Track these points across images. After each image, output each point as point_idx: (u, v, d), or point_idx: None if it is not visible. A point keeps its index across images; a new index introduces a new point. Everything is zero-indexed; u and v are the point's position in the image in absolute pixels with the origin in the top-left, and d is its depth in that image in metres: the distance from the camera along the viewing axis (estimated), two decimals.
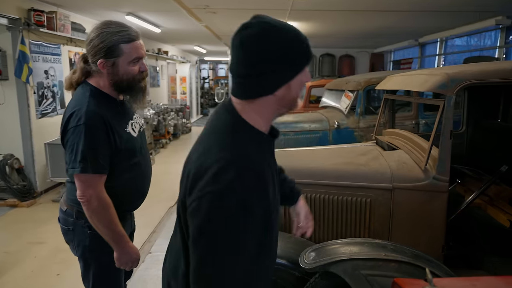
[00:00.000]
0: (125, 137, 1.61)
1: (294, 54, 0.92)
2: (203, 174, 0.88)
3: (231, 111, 0.98)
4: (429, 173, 2.28)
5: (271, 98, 0.95)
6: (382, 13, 5.52)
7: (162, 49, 10.71)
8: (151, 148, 7.51)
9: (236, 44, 0.92)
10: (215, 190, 0.85)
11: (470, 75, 2.12)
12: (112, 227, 1.54)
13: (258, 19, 0.92)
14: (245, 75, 0.92)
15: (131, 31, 1.54)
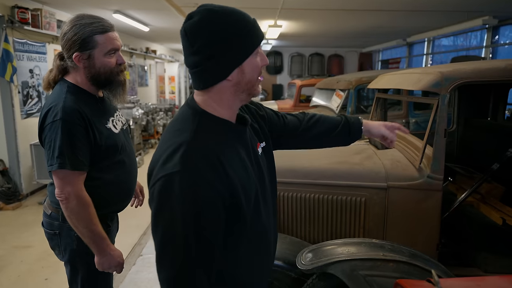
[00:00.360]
0: (106, 133, 1.56)
1: (239, 36, 0.90)
2: (157, 162, 0.90)
3: (191, 104, 0.99)
4: (423, 172, 2.28)
5: (226, 84, 0.94)
6: (372, 12, 5.55)
7: (150, 48, 10.58)
8: (140, 148, 7.40)
9: (182, 35, 0.92)
10: (164, 175, 0.85)
11: (464, 73, 2.13)
12: (92, 228, 1.48)
13: (201, 7, 0.91)
14: (194, 64, 0.92)
15: (105, 22, 1.51)
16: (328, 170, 2.49)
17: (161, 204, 0.86)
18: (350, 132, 1.36)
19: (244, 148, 1.00)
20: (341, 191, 2.45)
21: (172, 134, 0.96)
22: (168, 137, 0.96)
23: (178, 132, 0.94)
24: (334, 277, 1.74)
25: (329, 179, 2.45)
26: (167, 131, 1.01)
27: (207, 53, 0.90)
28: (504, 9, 5.13)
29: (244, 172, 0.95)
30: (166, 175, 0.85)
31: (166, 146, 0.92)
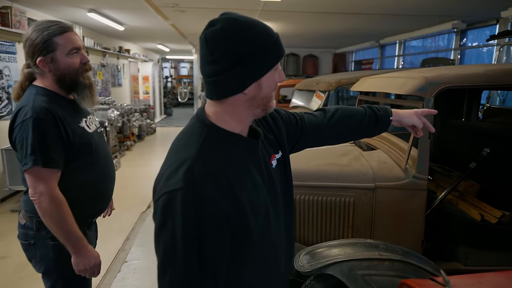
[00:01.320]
0: (79, 131, 1.55)
1: (262, 49, 0.88)
2: (161, 178, 0.89)
3: (200, 117, 0.96)
4: (409, 172, 2.38)
5: (241, 97, 0.91)
6: (348, 15, 5.69)
7: (123, 47, 10.31)
8: (115, 150, 7.22)
9: (201, 42, 0.89)
10: (167, 191, 0.84)
11: (447, 78, 2.23)
12: (67, 228, 1.45)
13: (224, 15, 0.90)
14: (212, 73, 0.89)
15: (62, 24, 1.53)
16: (318, 172, 2.54)
17: (163, 221, 0.84)
18: (377, 123, 1.30)
19: (255, 163, 0.97)
20: (330, 192, 2.51)
21: (177, 148, 0.94)
22: (173, 152, 0.94)
23: (183, 147, 0.92)
24: (331, 277, 1.79)
25: (319, 181, 2.51)
26: (173, 146, 0.98)
27: (226, 63, 0.87)
28: (471, 14, 5.41)
29: (253, 189, 0.92)
30: (169, 191, 0.83)
31: (171, 162, 0.90)
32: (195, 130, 0.95)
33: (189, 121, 1.02)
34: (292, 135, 1.20)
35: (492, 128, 3.03)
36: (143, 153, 8.15)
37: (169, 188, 0.84)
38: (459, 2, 4.67)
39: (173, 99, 18.60)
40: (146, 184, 5.75)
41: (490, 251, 2.47)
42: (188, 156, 0.88)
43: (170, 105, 16.99)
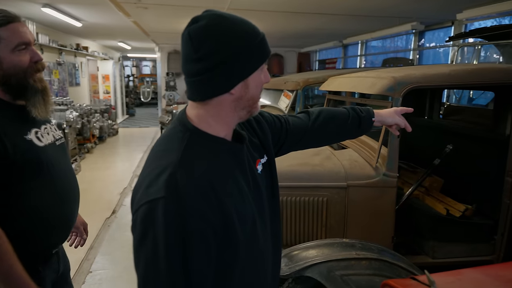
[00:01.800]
0: (23, 146, 1.26)
1: (249, 47, 0.85)
2: (140, 186, 0.84)
3: (181, 120, 0.91)
4: (379, 170, 2.43)
5: (227, 97, 0.87)
6: (315, 15, 5.75)
7: (81, 44, 9.81)
8: (75, 154, 6.85)
9: (184, 38, 0.85)
10: (147, 201, 0.78)
11: (414, 78, 2.30)
12: (5, 269, 1.14)
13: (208, 12, 0.86)
14: (195, 72, 0.84)
15: (7, 13, 1.26)
16: (290, 172, 2.53)
17: (143, 234, 0.77)
18: (360, 124, 1.30)
19: (240, 168, 0.93)
20: (303, 192, 2.51)
21: (157, 155, 0.88)
22: (153, 159, 0.89)
23: (164, 152, 0.87)
24: (309, 279, 1.78)
25: (292, 181, 2.50)
26: (152, 152, 0.93)
27: (212, 61, 0.83)
28: (429, 16, 5.66)
29: (240, 197, 0.88)
30: (149, 201, 0.78)
31: (150, 169, 0.85)
32: (176, 134, 0.89)
33: (170, 124, 0.96)
34: (277, 138, 1.17)
35: (453, 125, 3.18)
36: (105, 156, 7.81)
37: (149, 198, 0.78)
38: (418, 4, 4.86)
39: (135, 99, 18.03)
40: (109, 187, 5.51)
41: (456, 243, 2.58)
42: (169, 162, 0.82)
43: (132, 105, 16.46)
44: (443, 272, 1.22)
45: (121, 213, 4.53)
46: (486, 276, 1.10)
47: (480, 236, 2.59)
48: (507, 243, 2.49)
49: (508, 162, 2.43)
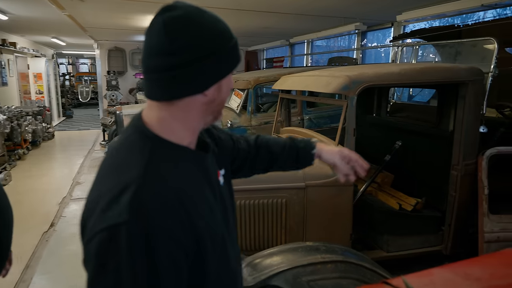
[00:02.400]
0: None
1: (228, 46, 0.77)
2: (94, 209, 0.70)
3: (138, 127, 0.79)
4: None
5: (199, 99, 0.77)
6: (263, 13, 5.72)
7: (7, 40, 8.86)
8: (4, 161, 6.16)
9: (156, 28, 0.73)
10: (105, 227, 0.66)
11: (368, 77, 2.33)
12: None
13: (182, 3, 0.76)
14: (165, 66, 0.73)
15: None
16: None
17: (101, 266, 0.65)
18: (298, 157, 1.16)
19: (207, 181, 0.83)
20: (262, 194, 2.44)
21: (113, 170, 0.75)
22: (106, 174, 0.75)
23: (121, 167, 0.74)
24: (275, 287, 1.71)
25: (249, 184, 2.41)
26: (104, 165, 0.78)
27: (189, 56, 0.72)
28: (372, 17, 5.91)
29: (209, 212, 0.79)
30: (109, 227, 0.65)
31: (106, 188, 0.71)
32: (133, 144, 0.76)
33: (124, 132, 0.82)
34: (230, 154, 1.06)
35: (401, 122, 3.30)
36: (40, 162, 7.13)
37: (108, 223, 0.65)
38: (362, 6, 5.04)
39: (73, 99, 16.79)
40: (46, 197, 5.02)
41: (408, 236, 2.67)
42: (130, 179, 0.69)
43: (70, 106, 15.29)
44: (413, 273, 1.21)
45: (61, 226, 4.12)
46: (456, 275, 1.10)
47: (429, 228, 2.71)
48: (454, 233, 2.63)
49: (453, 156, 2.56)
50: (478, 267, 1.13)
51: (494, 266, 1.12)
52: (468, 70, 2.40)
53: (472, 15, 5.41)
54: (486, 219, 2.41)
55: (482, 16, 5.37)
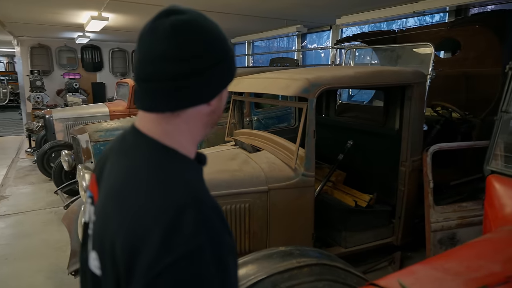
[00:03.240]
0: None
1: (231, 55, 0.75)
2: (143, 242, 0.59)
3: (147, 142, 0.71)
4: (298, 171, 2.46)
5: (203, 110, 0.73)
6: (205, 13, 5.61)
7: None
8: None
9: (161, 31, 0.66)
10: (174, 260, 0.57)
11: (326, 80, 2.38)
12: None
13: (183, 6, 0.72)
14: (173, 74, 0.67)
15: None
16: (210, 180, 2.34)
17: None
18: None
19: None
20: (224, 200, 2.37)
21: (140, 190, 0.64)
22: (136, 196, 0.64)
23: (155, 189, 0.64)
24: None
25: (213, 190, 2.33)
26: (120, 192, 0.67)
27: (200, 63, 0.68)
28: (313, 20, 6.12)
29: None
30: (187, 253, 0.57)
31: (149, 217, 0.60)
32: (158, 161, 0.69)
33: (128, 154, 0.72)
34: None
35: (350, 122, 3.45)
36: None
37: (180, 251, 0.57)
38: (305, 9, 5.18)
39: None
40: None
41: (363, 231, 2.80)
42: (179, 199, 0.62)
43: None
44: (394, 273, 1.25)
45: None
46: (437, 271, 1.16)
47: (382, 222, 2.87)
48: (404, 224, 2.82)
49: (401, 153, 2.74)
50: (453, 261, 1.21)
51: (468, 259, 1.21)
52: (414, 73, 2.59)
53: (396, 22, 5.89)
54: (432, 210, 2.62)
55: (404, 23, 5.89)
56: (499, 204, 1.54)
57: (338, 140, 3.22)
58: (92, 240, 0.72)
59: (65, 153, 4.59)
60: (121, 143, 0.76)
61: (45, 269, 3.14)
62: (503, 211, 1.49)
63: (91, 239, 0.73)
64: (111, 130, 4.26)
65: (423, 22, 5.81)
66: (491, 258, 1.18)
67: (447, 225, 2.64)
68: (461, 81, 3.59)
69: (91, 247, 0.72)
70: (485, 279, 1.05)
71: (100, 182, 0.77)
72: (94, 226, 0.72)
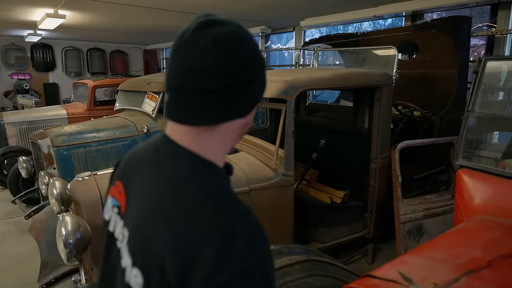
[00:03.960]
0: None
1: (264, 69, 0.75)
2: (195, 260, 0.58)
3: (184, 153, 0.70)
4: (278, 171, 2.52)
5: (238, 122, 0.72)
6: (167, 12, 5.50)
7: None
8: None
9: (203, 45, 0.65)
10: (226, 279, 0.57)
11: (303, 82, 2.46)
12: None
13: (221, 16, 0.70)
14: (215, 88, 0.66)
15: None
16: None
17: None
18: None
19: None
20: None
21: (198, 209, 0.63)
22: (191, 216, 0.62)
23: (209, 204, 0.63)
24: None
25: None
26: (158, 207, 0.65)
27: (243, 77, 0.68)
28: (277, 21, 6.22)
29: None
30: (238, 274, 0.57)
31: (199, 235, 0.60)
32: (203, 176, 0.69)
33: (163, 167, 0.70)
34: None
35: (321, 122, 3.57)
36: None
37: (229, 275, 0.56)
38: (270, 11, 5.26)
39: None
40: None
41: (339, 226, 2.93)
42: (235, 213, 0.63)
43: None
44: (388, 263, 1.33)
45: None
46: (426, 259, 1.26)
47: (355, 216, 3.02)
48: (375, 218, 2.98)
49: (372, 151, 2.89)
50: (438, 250, 1.32)
51: (451, 247, 1.33)
52: (382, 74, 2.74)
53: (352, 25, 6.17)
54: (400, 203, 2.79)
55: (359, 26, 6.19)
56: (469, 196, 1.70)
57: (310, 139, 3.32)
58: (130, 257, 0.68)
59: (23, 159, 4.31)
60: (154, 154, 0.74)
61: (10, 284, 2.94)
62: (473, 202, 1.65)
63: (126, 254, 0.69)
64: (74, 134, 4.06)
65: (377, 26, 6.14)
66: (470, 245, 1.30)
67: (414, 217, 2.83)
68: (419, 81, 3.84)
69: (129, 263, 0.68)
70: (470, 264, 1.16)
71: (130, 194, 0.74)
72: (132, 242, 0.68)
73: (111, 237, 0.78)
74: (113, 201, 0.80)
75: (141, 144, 0.84)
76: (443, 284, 1.04)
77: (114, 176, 0.85)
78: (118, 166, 0.86)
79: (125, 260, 0.69)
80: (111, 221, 0.79)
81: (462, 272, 1.11)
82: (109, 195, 0.83)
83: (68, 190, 2.40)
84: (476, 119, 1.86)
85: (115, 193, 0.80)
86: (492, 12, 4.03)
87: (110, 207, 0.80)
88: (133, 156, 0.81)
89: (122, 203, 0.76)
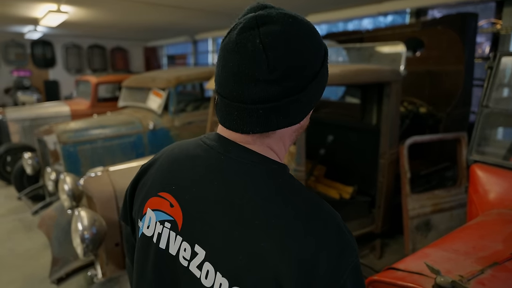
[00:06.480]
0: None
1: (325, 64, 0.68)
2: (314, 268, 0.57)
3: (266, 159, 0.68)
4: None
5: (294, 127, 0.69)
6: (168, 8, 5.49)
7: None
8: None
9: (250, 49, 0.60)
10: (352, 266, 0.61)
11: None
12: None
13: (274, 9, 0.63)
14: (268, 97, 0.62)
15: None
16: None
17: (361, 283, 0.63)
18: None
19: None
20: None
21: (298, 217, 0.61)
22: (294, 225, 0.60)
23: (308, 209, 0.63)
24: None
25: None
26: (281, 219, 0.61)
27: (294, 83, 0.62)
28: None
29: None
30: (352, 262, 0.60)
31: (313, 239, 0.59)
32: (287, 178, 0.68)
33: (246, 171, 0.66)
34: None
35: (328, 117, 3.59)
36: None
37: (350, 258, 0.61)
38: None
39: None
40: None
41: (348, 222, 2.94)
42: (332, 213, 0.65)
43: None
44: (409, 256, 1.35)
45: None
46: (448, 252, 1.28)
47: (363, 212, 3.04)
48: (383, 213, 3.00)
49: (381, 147, 2.91)
50: (459, 243, 1.34)
51: (472, 240, 1.35)
52: (391, 71, 2.76)
53: (351, 22, 6.18)
54: (409, 199, 2.82)
55: (360, 23, 6.20)
56: (483, 190, 1.72)
57: (317, 135, 3.33)
58: (224, 277, 0.61)
59: (28, 156, 4.31)
60: (218, 161, 0.69)
61: (19, 280, 2.95)
62: (488, 197, 1.67)
63: (207, 274, 0.63)
64: (81, 130, 4.06)
65: (378, 23, 6.15)
66: (491, 238, 1.32)
67: (422, 212, 2.85)
68: (425, 78, 3.86)
69: (223, 282, 0.61)
70: (493, 256, 1.18)
71: (190, 206, 0.68)
72: (221, 260, 0.62)
73: (162, 255, 0.70)
74: (160, 215, 0.72)
75: (175, 149, 0.78)
76: (469, 275, 1.06)
77: (152, 187, 0.75)
78: (147, 176, 0.79)
79: (208, 281, 0.63)
80: (159, 237, 0.71)
81: (487, 264, 1.13)
82: (150, 208, 0.74)
83: (81, 185, 2.41)
84: (490, 115, 1.87)
85: (162, 207, 0.72)
86: (497, 9, 4.05)
87: (155, 221, 0.72)
88: (178, 163, 0.74)
89: (178, 217, 0.69)
